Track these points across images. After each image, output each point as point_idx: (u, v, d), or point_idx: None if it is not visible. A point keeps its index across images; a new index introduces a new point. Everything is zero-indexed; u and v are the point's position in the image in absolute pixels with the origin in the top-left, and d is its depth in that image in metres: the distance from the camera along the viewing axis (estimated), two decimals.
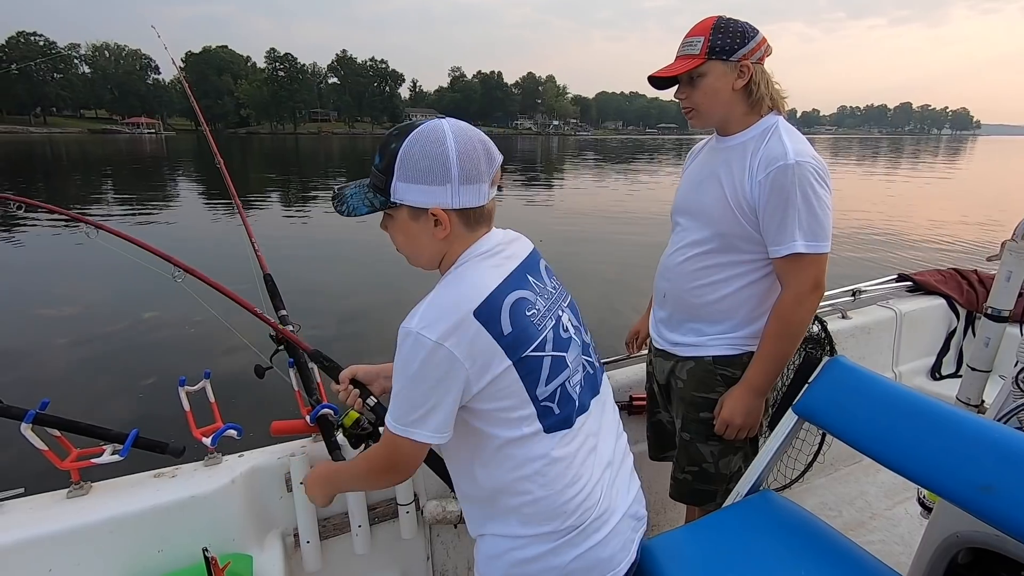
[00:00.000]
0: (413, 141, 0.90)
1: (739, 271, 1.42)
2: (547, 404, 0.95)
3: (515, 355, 0.91)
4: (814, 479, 2.33)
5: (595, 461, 1.01)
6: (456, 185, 0.90)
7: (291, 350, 1.64)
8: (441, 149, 0.89)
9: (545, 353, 0.94)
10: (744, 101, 1.38)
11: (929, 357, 2.75)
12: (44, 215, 11.60)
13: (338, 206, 0.97)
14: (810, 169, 1.29)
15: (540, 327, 0.95)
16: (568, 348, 1.00)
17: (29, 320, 6.21)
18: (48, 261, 8.94)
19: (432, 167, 0.89)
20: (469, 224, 0.95)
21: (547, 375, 0.94)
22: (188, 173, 25.87)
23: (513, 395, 0.92)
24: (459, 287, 0.92)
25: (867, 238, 10.89)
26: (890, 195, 19.33)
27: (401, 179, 0.91)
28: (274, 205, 15.67)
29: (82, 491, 1.31)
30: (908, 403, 1.12)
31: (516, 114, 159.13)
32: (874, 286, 2.69)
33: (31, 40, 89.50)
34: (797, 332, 1.38)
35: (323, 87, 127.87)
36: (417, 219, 0.94)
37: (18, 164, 29.48)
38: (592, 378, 1.07)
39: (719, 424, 1.46)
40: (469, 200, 0.92)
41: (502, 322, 0.90)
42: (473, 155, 0.91)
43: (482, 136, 0.94)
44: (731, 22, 1.35)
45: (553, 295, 1.03)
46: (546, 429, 0.95)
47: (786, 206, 1.29)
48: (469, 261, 0.96)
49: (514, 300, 0.93)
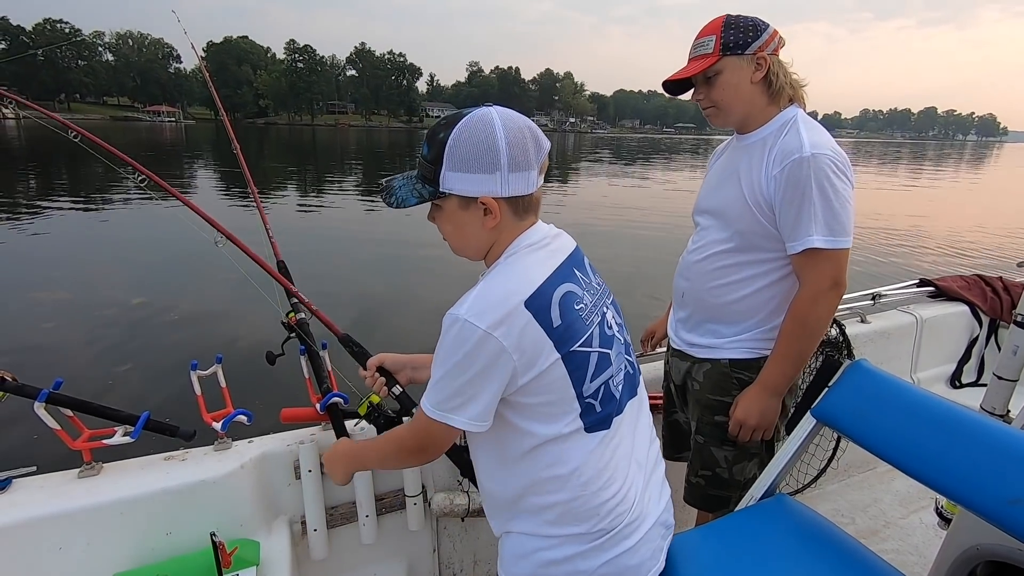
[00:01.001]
0: (462, 129, 0.88)
1: (759, 271, 1.39)
2: (591, 401, 0.93)
3: (564, 348, 0.89)
4: (827, 485, 2.29)
5: (630, 464, 1.00)
6: (506, 173, 0.89)
7: (302, 338, 1.64)
8: (490, 137, 0.88)
9: (592, 349, 0.93)
10: (764, 93, 1.36)
11: (949, 364, 2.68)
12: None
13: (387, 198, 0.96)
14: (827, 161, 1.25)
15: (588, 322, 0.94)
16: (612, 346, 0.99)
17: (46, 301, 6.31)
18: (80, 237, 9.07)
19: (482, 155, 0.88)
20: (518, 213, 0.94)
21: (592, 371, 0.93)
22: (206, 161, 26.13)
23: (559, 390, 0.90)
24: (509, 277, 0.91)
25: (888, 242, 10.72)
26: (913, 199, 18.98)
27: (451, 168, 0.89)
28: (290, 194, 15.79)
29: (93, 471, 1.32)
30: (933, 410, 1.08)
31: (533, 110, 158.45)
32: (895, 290, 2.63)
33: (57, 27, 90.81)
34: (815, 331, 1.34)
35: (341, 79, 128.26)
36: (467, 208, 0.92)
37: (41, 148, 29.99)
38: (632, 378, 1.05)
39: (733, 424, 1.43)
40: (519, 188, 0.91)
41: (552, 314, 0.88)
42: (522, 142, 0.90)
43: (530, 123, 0.92)
44: (741, 17, 1.34)
45: (599, 291, 1.01)
46: (587, 428, 0.93)
47: (802, 200, 1.25)
48: (518, 252, 0.94)
49: (564, 293, 0.91)
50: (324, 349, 1.64)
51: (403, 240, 9.83)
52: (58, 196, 13.73)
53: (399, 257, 8.88)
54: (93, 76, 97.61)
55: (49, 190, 14.88)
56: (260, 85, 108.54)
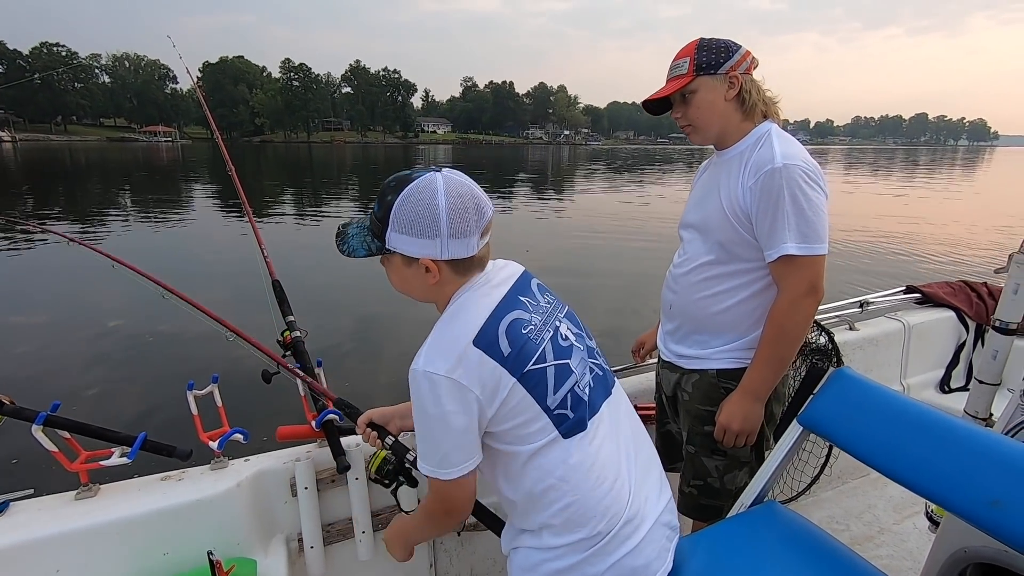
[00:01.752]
0: (407, 195, 0.95)
1: (742, 281, 1.43)
2: (560, 411, 0.98)
3: (518, 372, 0.95)
4: (821, 492, 2.30)
5: (619, 462, 1.03)
6: (445, 239, 0.95)
7: (298, 356, 1.66)
8: (432, 206, 0.94)
9: (547, 364, 0.98)
10: (739, 110, 1.42)
11: (938, 370, 2.71)
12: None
13: (340, 244, 1.04)
14: (798, 171, 1.30)
15: (538, 341, 0.99)
16: (571, 354, 1.03)
17: (41, 325, 6.31)
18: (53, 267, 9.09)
19: (423, 222, 0.94)
20: (459, 271, 1.01)
21: (553, 383, 0.98)
22: (202, 181, 26.24)
23: (526, 410, 0.96)
24: (455, 322, 0.97)
25: (876, 250, 10.70)
26: (902, 206, 19.08)
27: (395, 230, 0.96)
28: (286, 213, 15.84)
29: (90, 493, 1.32)
30: (915, 415, 1.11)
31: (527, 124, 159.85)
32: (882, 298, 2.66)
33: (53, 51, 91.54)
34: (794, 336, 1.37)
35: (337, 96, 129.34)
36: (409, 266, 1.00)
37: (37, 171, 30.11)
38: (602, 379, 1.09)
39: (717, 430, 1.46)
40: (458, 252, 0.97)
41: (501, 344, 0.94)
42: (462, 211, 0.96)
43: (474, 191, 0.99)
44: (713, 40, 1.41)
45: (548, 309, 1.06)
46: (564, 434, 0.98)
47: (776, 209, 1.30)
48: (462, 296, 1.01)
49: (509, 321, 0.98)
50: (319, 366, 1.65)
51: None
52: (54, 218, 13.76)
53: None
54: (90, 98, 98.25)
55: (45, 211, 14.90)
56: (256, 104, 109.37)
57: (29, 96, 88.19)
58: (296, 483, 1.47)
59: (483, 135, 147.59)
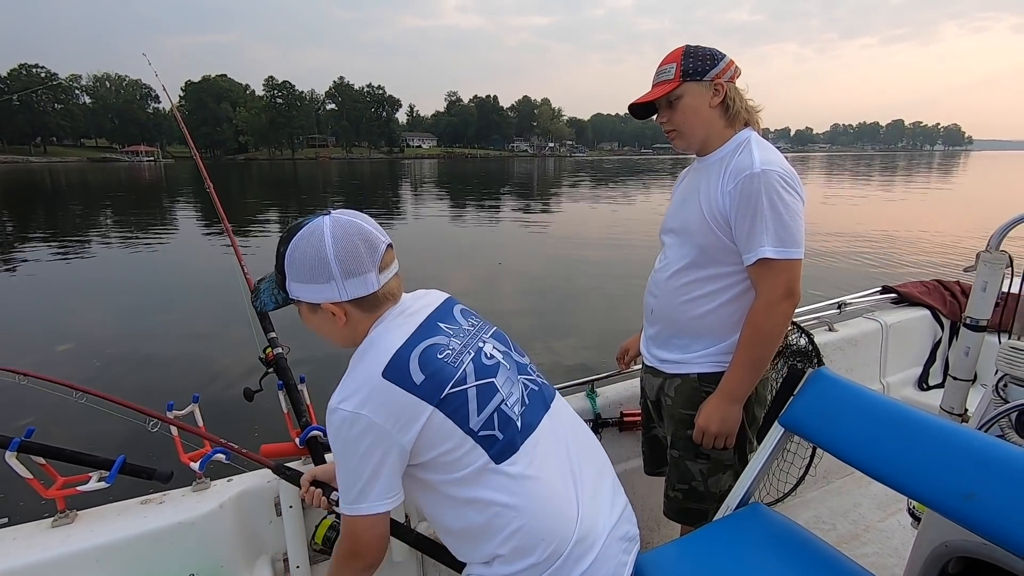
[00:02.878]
0: (295, 247, 0.97)
1: (722, 285, 1.45)
2: (487, 433, 0.96)
3: (435, 398, 0.93)
4: (807, 492, 2.31)
5: (561, 479, 1.01)
6: (340, 281, 0.96)
7: (280, 372, 1.64)
8: (320, 251, 0.95)
9: (467, 385, 0.97)
10: (722, 117, 1.45)
11: (916, 368, 2.76)
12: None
13: (254, 300, 1.06)
14: (776, 177, 1.32)
15: (456, 364, 0.98)
16: (496, 373, 1.02)
17: (19, 345, 6.18)
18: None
19: (314, 268, 0.96)
20: (367, 309, 1.00)
21: (476, 405, 0.96)
22: (185, 199, 26.02)
23: (448, 435, 0.94)
24: (365, 356, 0.97)
25: (853, 252, 10.86)
26: (878, 210, 19.44)
27: (292, 280, 0.98)
28: (270, 230, 15.75)
29: (67, 520, 1.30)
30: (891, 413, 1.12)
31: (512, 137, 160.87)
32: (859, 298, 2.71)
33: (32, 72, 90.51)
34: (771, 339, 1.39)
35: (321, 113, 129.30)
36: (315, 312, 1.01)
37: (16, 194, 29.67)
38: (538, 395, 1.07)
39: (696, 432, 1.47)
40: (357, 291, 0.98)
41: (412, 374, 0.93)
42: (352, 251, 0.96)
43: (362, 228, 0.99)
44: (699, 48, 1.44)
45: (471, 332, 1.06)
46: (495, 458, 0.96)
47: (754, 213, 1.33)
48: (374, 331, 1.01)
49: (424, 349, 0.97)
50: (302, 383, 1.64)
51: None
52: (32, 239, 13.55)
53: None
54: (70, 119, 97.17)
55: (22, 235, 14.67)
56: (240, 122, 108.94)
57: (8, 118, 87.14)
58: (280, 502, 1.45)
59: (468, 149, 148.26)
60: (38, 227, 16.63)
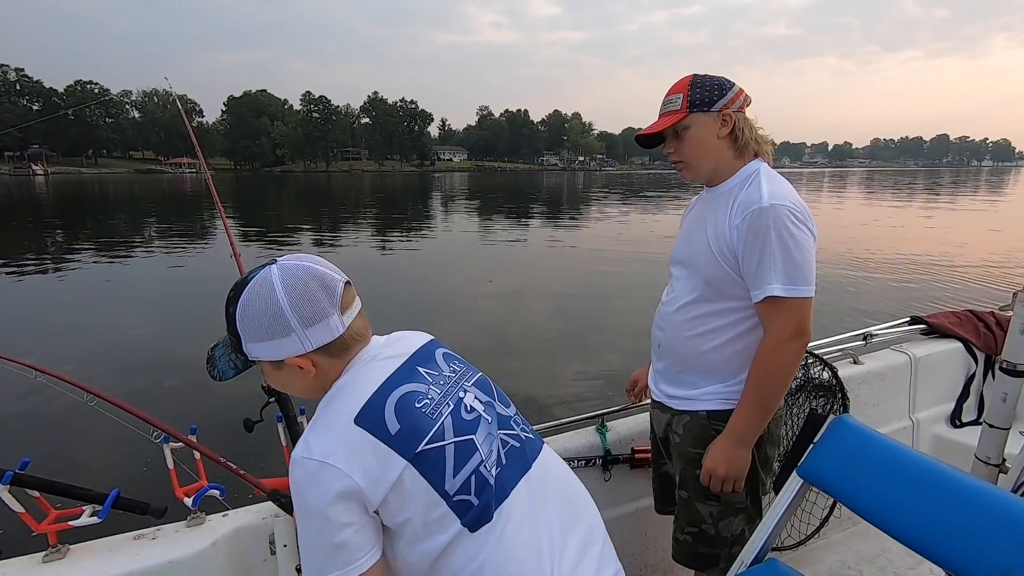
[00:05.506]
0: (244, 302, 0.89)
1: (730, 320, 1.39)
2: (462, 498, 0.86)
3: (409, 452, 0.84)
4: (832, 534, 2.17)
5: (536, 550, 0.89)
6: (301, 332, 0.88)
7: (281, 404, 1.61)
8: (272, 303, 0.87)
9: (446, 442, 0.87)
10: (732, 148, 1.40)
11: (948, 403, 2.58)
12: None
13: (210, 370, 0.97)
14: (785, 212, 1.27)
15: (435, 416, 0.89)
16: (476, 429, 0.92)
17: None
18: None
19: (270, 323, 0.87)
20: (335, 355, 0.92)
21: (454, 465, 0.86)
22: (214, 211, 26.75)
23: (421, 496, 0.84)
24: (335, 401, 0.89)
25: (882, 278, 10.15)
26: (916, 229, 18.56)
27: (248, 340, 0.90)
28: (303, 239, 16.07)
29: (59, 555, 1.28)
30: (920, 470, 1.04)
31: (542, 150, 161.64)
32: (886, 330, 2.56)
33: (87, 88, 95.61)
34: (780, 379, 1.33)
35: (356, 127, 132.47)
36: (280, 368, 0.92)
37: (67, 203, 31.15)
38: (518, 453, 0.96)
39: (703, 475, 1.40)
40: (321, 338, 0.90)
41: (387, 421, 0.85)
42: (308, 296, 0.88)
43: (314, 270, 0.91)
44: (706, 77, 1.39)
45: (452, 379, 0.97)
46: (469, 526, 0.85)
47: (763, 249, 1.28)
48: (346, 375, 0.93)
49: (400, 396, 0.88)
50: (302, 415, 1.61)
51: (422, 278, 9.95)
52: (79, 245, 14.13)
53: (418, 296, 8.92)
54: (120, 132, 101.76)
55: (72, 242, 15.31)
56: (277, 135, 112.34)
57: (63, 131, 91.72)
58: (275, 540, 1.41)
59: (498, 162, 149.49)
60: (86, 233, 17.36)
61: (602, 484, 1.87)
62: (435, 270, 11.84)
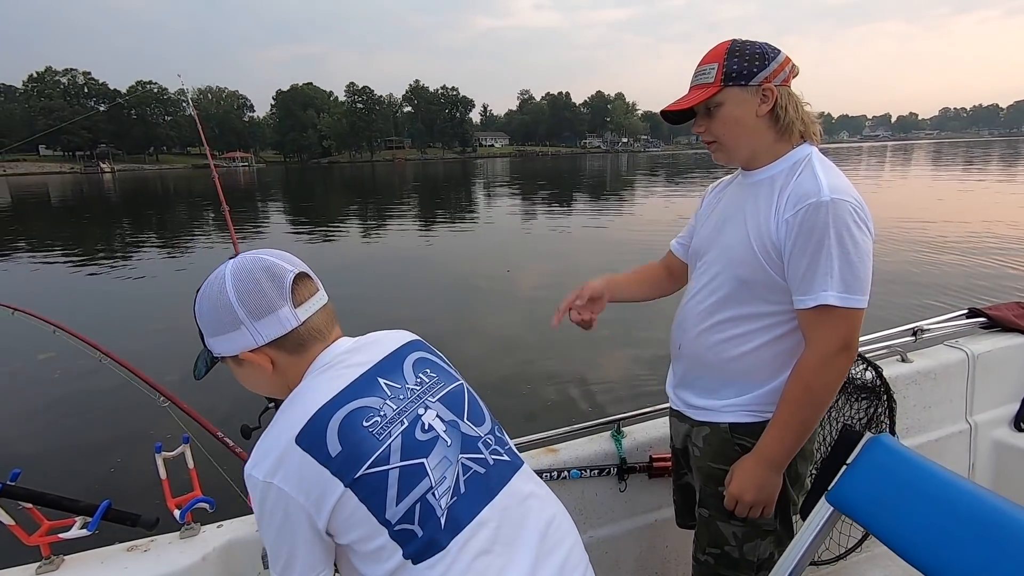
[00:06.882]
0: (201, 299, 0.90)
1: (762, 324, 1.24)
2: (403, 527, 0.80)
3: (348, 477, 0.79)
4: (875, 547, 1.98)
5: None
6: (249, 324, 0.86)
7: None
8: (222, 297, 0.87)
9: (389, 466, 0.81)
10: (772, 128, 1.21)
11: (1012, 404, 2.30)
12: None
13: (194, 370, 0.98)
14: (849, 208, 1.10)
15: (382, 436, 0.82)
16: (430, 452, 0.84)
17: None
18: None
19: (221, 317, 0.87)
20: (292, 351, 0.90)
21: (396, 492, 0.80)
22: (273, 201, 27.68)
23: (361, 523, 0.80)
24: (286, 414, 0.85)
25: (937, 263, 9.07)
26: (984, 207, 16.79)
27: (207, 335, 0.91)
28: (351, 232, 16.38)
29: (52, 566, 1.27)
30: (971, 505, 0.88)
31: (584, 133, 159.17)
32: (939, 324, 2.29)
33: (147, 88, 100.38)
34: (821, 399, 1.17)
35: (399, 116, 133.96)
36: (240, 365, 0.92)
37: (132, 199, 32.96)
38: (481, 480, 0.87)
39: (728, 499, 1.26)
40: (272, 332, 0.87)
41: (328, 442, 0.80)
42: (254, 288, 0.86)
43: (264, 261, 0.89)
44: (747, 44, 1.19)
45: (414, 393, 0.89)
46: (411, 558, 0.79)
47: (818, 250, 1.11)
48: (304, 381, 0.89)
49: (347, 413, 0.82)
50: None
51: (455, 269, 10.00)
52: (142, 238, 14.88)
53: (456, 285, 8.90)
54: (178, 129, 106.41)
55: (139, 236, 16.14)
56: (323, 127, 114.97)
57: (126, 130, 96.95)
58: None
59: (540, 147, 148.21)
60: (149, 227, 18.27)
61: (617, 495, 1.75)
62: (476, 256, 11.83)
